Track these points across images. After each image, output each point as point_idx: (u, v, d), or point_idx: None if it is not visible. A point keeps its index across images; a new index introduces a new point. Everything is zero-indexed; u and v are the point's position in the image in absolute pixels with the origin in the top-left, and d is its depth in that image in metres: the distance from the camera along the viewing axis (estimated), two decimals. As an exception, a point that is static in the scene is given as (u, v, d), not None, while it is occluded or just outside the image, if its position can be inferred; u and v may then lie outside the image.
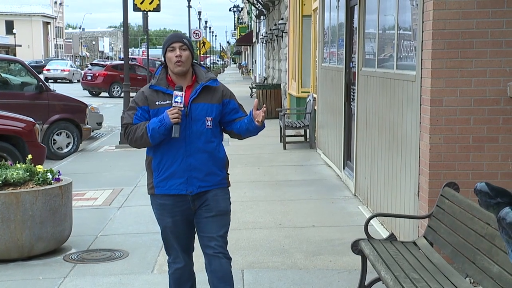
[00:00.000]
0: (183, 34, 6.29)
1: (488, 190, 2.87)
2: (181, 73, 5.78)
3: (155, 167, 5.88)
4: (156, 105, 5.75)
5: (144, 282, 7.76)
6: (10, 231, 8.45)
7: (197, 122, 5.77)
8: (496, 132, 7.54)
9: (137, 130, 5.70)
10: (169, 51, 5.75)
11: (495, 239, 5.45)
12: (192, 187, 5.80)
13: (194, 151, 5.77)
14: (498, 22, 7.40)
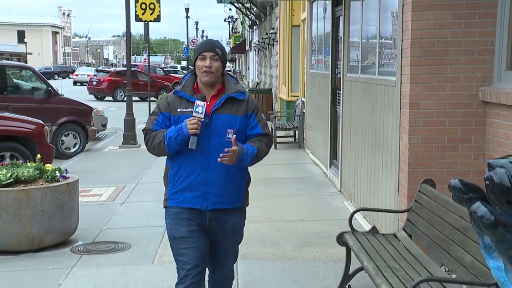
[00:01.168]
0: (218, 42, 5.33)
1: (461, 186, 2.89)
2: (208, 83, 5.10)
3: (171, 178, 5.20)
4: (177, 112, 5.10)
5: (145, 272, 7.76)
6: (21, 224, 8.46)
7: (217, 133, 5.05)
8: (469, 133, 7.57)
9: (156, 138, 5.09)
10: (199, 59, 5.09)
11: (468, 231, 5.48)
12: (206, 202, 5.10)
13: (213, 165, 5.04)
14: (470, 32, 7.43)
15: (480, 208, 2.72)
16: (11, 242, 8.52)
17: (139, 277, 7.62)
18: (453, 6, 7.38)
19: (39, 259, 8.37)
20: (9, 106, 16.47)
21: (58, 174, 8.91)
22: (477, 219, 2.73)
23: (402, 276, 5.76)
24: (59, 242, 8.87)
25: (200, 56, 5.08)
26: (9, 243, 8.52)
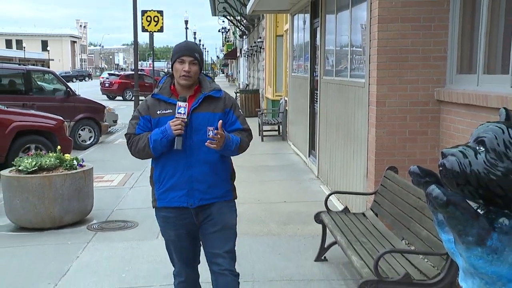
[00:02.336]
0: (196, 45, 4.82)
1: (419, 171, 2.90)
2: (186, 86, 4.58)
3: (156, 179, 4.69)
4: (157, 114, 4.57)
5: (150, 246, 7.76)
6: (45, 206, 8.47)
7: (198, 132, 4.52)
8: (426, 127, 7.60)
9: (139, 142, 4.54)
10: (178, 62, 4.54)
11: (424, 210, 5.51)
12: (193, 200, 4.58)
13: (195, 163, 4.54)
14: (427, 42, 7.45)
15: (435, 190, 2.73)
16: (36, 221, 8.54)
17: (145, 250, 7.62)
18: (412, 19, 7.41)
19: (60, 235, 8.37)
20: (34, 104, 16.46)
21: (76, 163, 8.91)
22: (432, 200, 2.74)
23: (369, 249, 5.81)
24: (77, 221, 8.87)
25: (179, 59, 4.54)
26: (35, 222, 8.54)
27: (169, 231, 4.76)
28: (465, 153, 2.72)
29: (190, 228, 4.72)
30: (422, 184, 2.90)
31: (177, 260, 4.87)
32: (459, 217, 2.69)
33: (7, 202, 8.68)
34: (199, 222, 4.69)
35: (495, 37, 6.65)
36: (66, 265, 7.12)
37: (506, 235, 2.63)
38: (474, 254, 2.68)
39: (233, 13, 32.85)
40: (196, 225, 4.71)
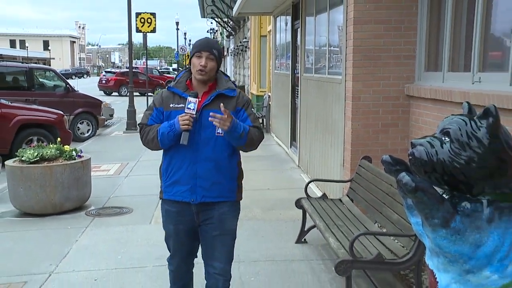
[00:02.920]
0: (216, 42, 4.52)
1: (391, 160, 2.92)
2: (202, 81, 4.27)
3: (163, 171, 4.41)
4: (169, 107, 4.27)
5: (144, 230, 7.75)
6: (46, 193, 8.45)
7: (206, 129, 4.18)
8: (397, 120, 7.63)
9: (150, 132, 4.28)
10: (196, 56, 4.23)
11: (395, 196, 5.54)
12: (195, 196, 4.25)
13: (200, 159, 4.21)
14: (398, 42, 7.48)
15: (405, 177, 2.75)
16: (38, 207, 8.51)
17: (139, 234, 7.61)
18: (384, 21, 7.42)
19: (61, 220, 8.35)
20: (36, 100, 16.42)
21: (75, 153, 8.90)
22: (402, 186, 2.76)
23: (345, 231, 5.84)
24: (76, 207, 8.85)
25: (197, 53, 4.22)
26: (37, 208, 8.52)
27: (169, 225, 4.47)
28: (432, 143, 2.74)
29: (190, 225, 4.39)
30: (393, 172, 2.91)
31: (172, 252, 4.58)
32: (426, 202, 2.71)
33: (11, 190, 8.66)
34: (199, 221, 4.36)
35: (458, 38, 6.69)
36: (66, 247, 7.11)
37: (468, 217, 2.66)
38: (439, 235, 2.70)
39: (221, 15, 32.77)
40: (196, 223, 4.37)
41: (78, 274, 6.22)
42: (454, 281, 2.72)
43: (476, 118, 2.68)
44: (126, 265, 6.49)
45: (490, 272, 2.66)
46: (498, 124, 2.64)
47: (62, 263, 6.58)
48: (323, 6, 9.90)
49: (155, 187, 10.17)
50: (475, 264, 2.66)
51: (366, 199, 6.47)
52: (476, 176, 2.64)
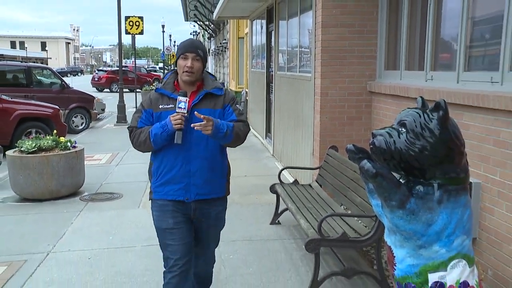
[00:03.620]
0: (200, 43, 4.17)
1: (354, 149, 2.93)
2: (188, 82, 3.95)
3: (154, 171, 4.02)
4: (159, 109, 3.93)
5: (133, 214, 7.73)
6: (44, 181, 8.42)
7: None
8: (360, 113, 7.67)
9: (141, 135, 3.91)
10: (182, 58, 3.92)
11: (359, 181, 5.57)
12: (189, 194, 3.93)
13: (193, 157, 3.90)
14: (361, 43, 7.51)
15: (366, 164, 2.77)
16: (37, 193, 8.49)
17: (129, 217, 7.59)
18: (349, 25, 7.45)
19: (57, 205, 8.30)
20: (34, 96, 16.39)
21: (69, 144, 8.87)
22: (364, 172, 2.78)
23: (314, 213, 5.86)
24: (71, 193, 8.83)
25: (183, 55, 3.92)
26: (35, 194, 8.49)
27: (167, 219, 3.96)
28: (390, 133, 2.77)
29: (187, 218, 4.00)
30: (357, 159, 2.93)
31: (172, 252, 3.96)
32: (385, 186, 2.73)
33: (11, 178, 8.63)
34: (195, 218, 4.03)
35: (413, 41, 6.74)
36: (62, 229, 7.07)
37: (421, 199, 2.69)
38: (396, 216, 2.73)
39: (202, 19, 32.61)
40: (191, 217, 4.02)
41: (73, 254, 6.20)
42: (409, 255, 2.75)
43: (428, 111, 2.71)
44: (117, 245, 6.48)
45: (439, 246, 2.70)
46: (447, 117, 2.68)
47: (58, 243, 6.55)
48: (295, 11, 9.92)
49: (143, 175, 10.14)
50: (426, 240, 2.70)
51: (333, 184, 6.49)
52: (428, 163, 2.67)
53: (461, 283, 2.71)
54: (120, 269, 5.70)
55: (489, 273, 4.88)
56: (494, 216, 4.78)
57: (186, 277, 3.97)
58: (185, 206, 3.97)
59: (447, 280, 2.70)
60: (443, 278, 2.70)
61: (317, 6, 7.63)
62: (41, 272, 5.67)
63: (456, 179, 2.72)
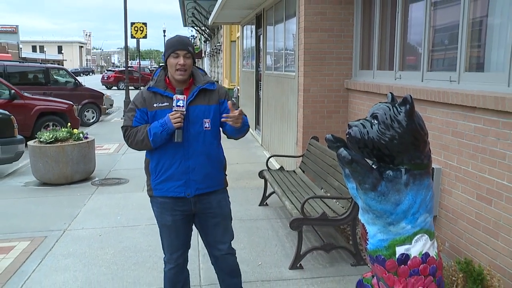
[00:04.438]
0: (187, 39, 3.64)
1: (332, 138, 2.93)
2: (181, 80, 3.53)
3: (152, 169, 3.61)
4: (154, 107, 3.50)
5: (138, 196, 7.72)
6: (60, 167, 8.41)
7: (194, 124, 3.51)
8: (339, 108, 7.67)
9: (138, 134, 3.49)
10: (172, 56, 3.48)
11: (336, 167, 5.59)
12: (190, 190, 3.55)
13: (192, 154, 3.52)
14: (339, 46, 7.50)
15: (343, 151, 2.77)
16: (54, 178, 8.48)
17: (134, 200, 7.58)
18: (328, 30, 7.44)
19: (72, 189, 8.29)
20: (51, 93, 16.38)
21: (82, 135, 8.87)
22: (341, 159, 2.78)
23: (297, 196, 5.88)
24: (84, 178, 8.82)
25: (173, 54, 3.49)
26: (53, 179, 8.49)
27: (166, 216, 3.65)
28: (364, 124, 2.77)
29: (186, 214, 3.66)
30: (335, 147, 2.93)
31: (169, 246, 3.75)
32: (360, 171, 2.74)
33: (32, 165, 8.62)
34: (196, 210, 3.65)
35: (384, 45, 6.74)
36: (77, 210, 7.06)
37: (390, 182, 2.70)
38: (369, 197, 2.74)
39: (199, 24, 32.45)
40: (192, 211, 3.66)
41: (86, 231, 6.20)
42: (379, 231, 2.77)
43: (397, 105, 2.72)
44: (124, 223, 6.48)
45: (405, 223, 2.71)
46: (413, 110, 2.69)
47: (73, 222, 6.55)
48: (280, 17, 9.89)
49: (148, 162, 9.84)
50: (395, 218, 2.71)
51: (314, 170, 6.51)
52: (397, 150, 2.68)
53: (423, 254, 2.74)
54: (127, 245, 5.70)
55: (446, 245, 4.93)
56: (452, 197, 4.83)
57: (182, 269, 3.81)
58: (186, 202, 3.61)
59: (411, 252, 2.72)
60: (408, 250, 2.72)
61: (300, 13, 7.62)
62: (59, 246, 5.67)
63: (421, 164, 2.73)
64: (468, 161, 4.54)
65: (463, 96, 4.47)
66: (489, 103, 4.11)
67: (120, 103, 23.75)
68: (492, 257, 4.24)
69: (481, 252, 4.39)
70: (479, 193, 4.40)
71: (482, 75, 4.56)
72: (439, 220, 5.05)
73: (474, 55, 4.78)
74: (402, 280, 2.73)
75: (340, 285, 4.63)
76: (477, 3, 4.71)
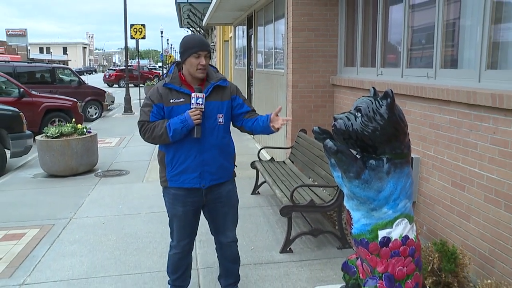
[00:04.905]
0: (207, 40, 3.78)
1: (319, 130, 2.92)
2: (202, 78, 3.49)
3: (168, 162, 3.54)
4: (170, 103, 3.42)
5: (138, 187, 7.70)
6: (65, 160, 8.37)
7: (209, 119, 3.46)
8: (325, 102, 7.66)
9: (156, 129, 3.40)
10: (194, 56, 3.40)
11: (323, 157, 5.59)
12: (205, 181, 3.52)
13: (207, 148, 3.49)
14: (324, 45, 7.48)
15: (329, 143, 2.77)
16: (60, 170, 8.44)
17: (135, 189, 7.57)
18: (315, 29, 7.42)
19: (77, 180, 8.25)
20: (57, 91, 16.35)
21: (85, 130, 8.83)
22: (327, 149, 2.78)
23: (287, 184, 5.88)
24: (87, 170, 8.78)
25: (195, 54, 3.40)
26: (59, 171, 8.45)
27: (177, 207, 3.61)
28: (348, 117, 2.77)
29: (197, 206, 3.64)
30: (321, 139, 2.92)
31: (177, 234, 3.72)
32: (345, 160, 2.74)
33: (40, 158, 8.58)
34: (206, 201, 3.62)
35: (367, 43, 6.74)
36: (81, 200, 7.04)
37: (373, 171, 2.71)
38: (353, 185, 2.75)
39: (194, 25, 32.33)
40: (203, 202, 3.63)
41: (90, 219, 6.18)
42: (363, 216, 2.77)
43: (379, 99, 2.72)
44: (125, 212, 6.46)
45: (387, 209, 2.72)
46: (394, 103, 2.69)
47: (78, 211, 6.52)
48: (270, 18, 9.87)
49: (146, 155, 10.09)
50: (377, 204, 2.72)
51: (303, 161, 6.51)
52: (379, 141, 2.68)
53: (403, 237, 2.75)
54: (128, 232, 5.69)
55: (424, 229, 4.96)
56: (429, 184, 4.85)
57: (186, 255, 3.80)
58: (198, 193, 3.57)
59: (392, 235, 2.73)
60: (389, 234, 2.73)
61: (288, 14, 7.60)
62: (66, 233, 5.66)
63: (401, 154, 2.73)
64: (444, 151, 4.56)
65: (439, 90, 4.49)
66: (462, 97, 4.14)
67: (121, 100, 23.67)
68: (464, 238, 4.28)
69: (455, 234, 4.43)
70: (453, 180, 4.43)
71: (455, 71, 4.59)
72: (418, 206, 5.07)
73: (448, 53, 4.81)
74: (384, 261, 2.74)
75: (327, 267, 4.65)
76: (451, 7, 4.76)
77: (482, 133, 3.99)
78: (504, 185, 3.75)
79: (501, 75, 3.96)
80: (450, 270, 3.78)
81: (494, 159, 3.86)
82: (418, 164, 4.99)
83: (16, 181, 8.34)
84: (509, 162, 3.69)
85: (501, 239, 3.82)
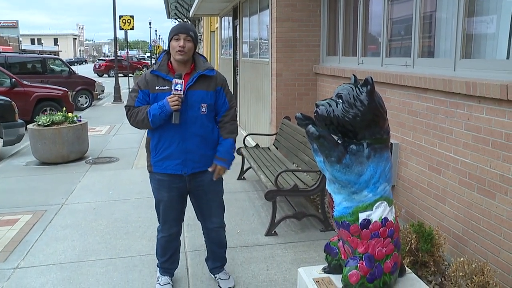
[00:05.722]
0: (191, 25, 3.58)
1: (302, 117, 2.90)
2: (181, 61, 3.41)
3: (152, 148, 3.54)
4: (155, 90, 3.41)
5: (128, 173, 7.66)
6: (57, 148, 8.28)
7: (192, 108, 3.41)
8: (308, 90, 7.65)
9: (139, 114, 3.40)
10: (174, 39, 3.39)
11: (306, 144, 5.60)
12: (187, 168, 3.50)
13: (189, 136, 3.44)
14: (308, 35, 7.45)
15: (311, 128, 2.76)
16: (52, 158, 8.36)
17: (124, 176, 7.52)
18: (298, 20, 7.38)
19: (68, 167, 8.18)
20: (48, 81, 16.09)
21: (76, 119, 8.75)
22: (310, 135, 2.77)
23: (272, 170, 5.88)
24: (78, 158, 8.71)
25: (175, 36, 3.39)
26: (51, 158, 8.37)
27: (162, 193, 3.60)
28: (330, 103, 2.75)
29: (182, 191, 3.62)
30: (304, 125, 2.91)
31: (164, 218, 3.70)
32: (326, 145, 2.73)
33: (32, 146, 8.49)
34: (190, 187, 3.60)
35: (348, 33, 6.74)
36: (73, 186, 6.98)
37: (354, 155, 2.70)
38: (335, 169, 2.74)
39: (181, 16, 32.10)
40: (187, 188, 3.62)
41: (81, 205, 6.14)
42: (344, 199, 2.77)
43: (359, 86, 2.71)
44: (115, 198, 6.42)
45: (367, 192, 2.72)
46: (373, 90, 2.68)
47: (70, 197, 6.47)
48: (255, 9, 9.80)
49: (135, 142, 10.03)
50: (358, 187, 2.71)
51: (287, 147, 6.51)
52: (359, 126, 2.67)
53: (383, 219, 2.75)
54: (118, 217, 5.66)
55: (402, 211, 5.00)
56: (407, 168, 4.88)
57: (174, 239, 3.78)
58: (181, 179, 3.56)
59: (372, 217, 2.73)
60: (370, 216, 2.73)
61: (272, 5, 7.54)
62: (58, 219, 5.61)
63: (381, 139, 2.73)
64: (421, 136, 4.58)
65: (417, 79, 4.50)
66: (438, 85, 4.17)
67: (110, 89, 23.43)
68: (440, 219, 4.33)
69: (431, 215, 4.47)
70: (430, 165, 4.46)
71: (432, 60, 4.61)
72: (397, 189, 5.10)
73: (425, 44, 4.84)
74: (364, 242, 2.75)
75: (310, 248, 4.67)
76: (428, 0, 4.78)
77: (457, 120, 4.02)
78: (477, 168, 3.78)
79: (475, 64, 3.99)
80: (427, 250, 3.83)
81: (468, 144, 3.89)
82: (397, 149, 5.01)
83: (9, 168, 8.25)
84: (482, 147, 3.72)
85: (473, 219, 3.87)
